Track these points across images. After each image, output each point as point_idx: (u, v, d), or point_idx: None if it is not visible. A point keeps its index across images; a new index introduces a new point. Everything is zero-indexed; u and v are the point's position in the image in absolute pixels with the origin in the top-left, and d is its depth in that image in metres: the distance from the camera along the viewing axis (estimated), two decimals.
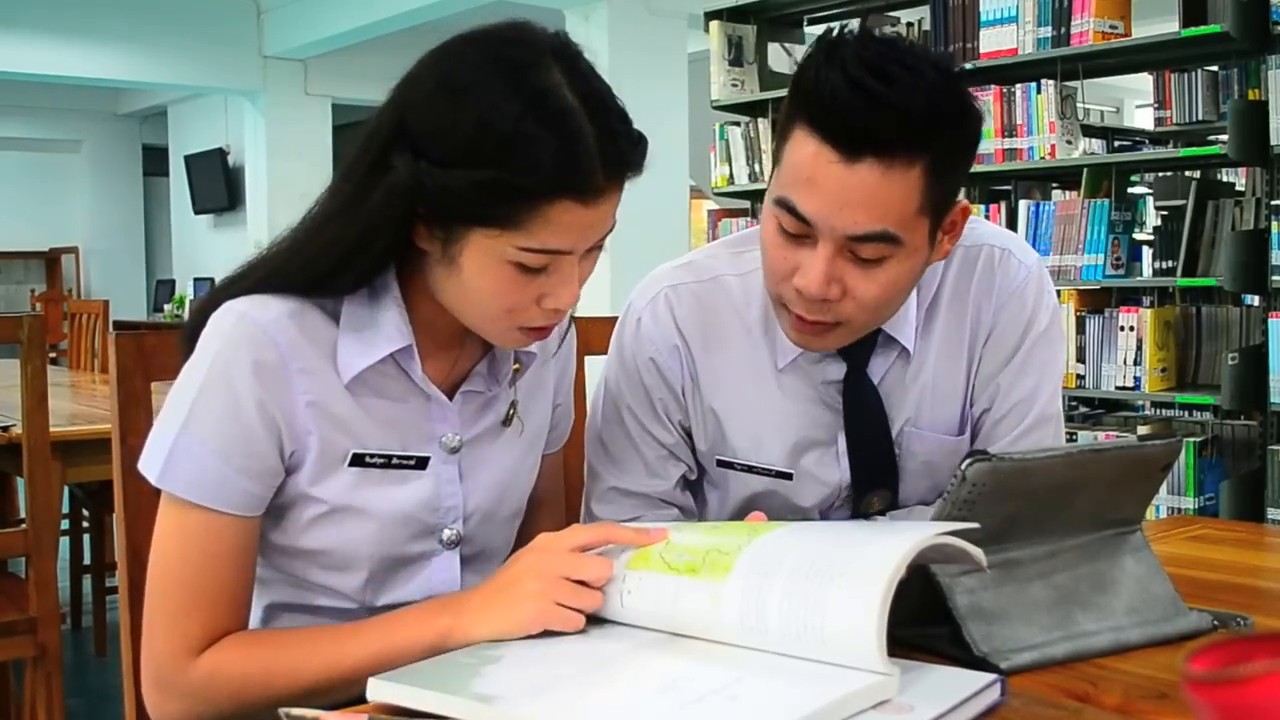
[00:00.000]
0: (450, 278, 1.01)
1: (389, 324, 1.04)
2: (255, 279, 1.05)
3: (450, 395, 1.11)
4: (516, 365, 1.15)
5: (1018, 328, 1.24)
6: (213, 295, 1.06)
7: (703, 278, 1.27)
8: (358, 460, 1.05)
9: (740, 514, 1.26)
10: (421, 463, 1.09)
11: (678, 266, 1.29)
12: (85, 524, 3.79)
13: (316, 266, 1.02)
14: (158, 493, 1.04)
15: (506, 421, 1.15)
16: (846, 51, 1.04)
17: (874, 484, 1.25)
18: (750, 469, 1.26)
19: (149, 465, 1.02)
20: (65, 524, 3.57)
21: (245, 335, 1.00)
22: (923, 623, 0.98)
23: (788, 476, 1.25)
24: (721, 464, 1.28)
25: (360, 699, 0.87)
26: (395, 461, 1.07)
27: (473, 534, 1.14)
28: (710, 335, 1.26)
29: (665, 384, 1.26)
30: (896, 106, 1.02)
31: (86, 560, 3.72)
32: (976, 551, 0.88)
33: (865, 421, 1.23)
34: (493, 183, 0.93)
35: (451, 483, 1.11)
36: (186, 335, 1.05)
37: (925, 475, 1.26)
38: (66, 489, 2.99)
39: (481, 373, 1.12)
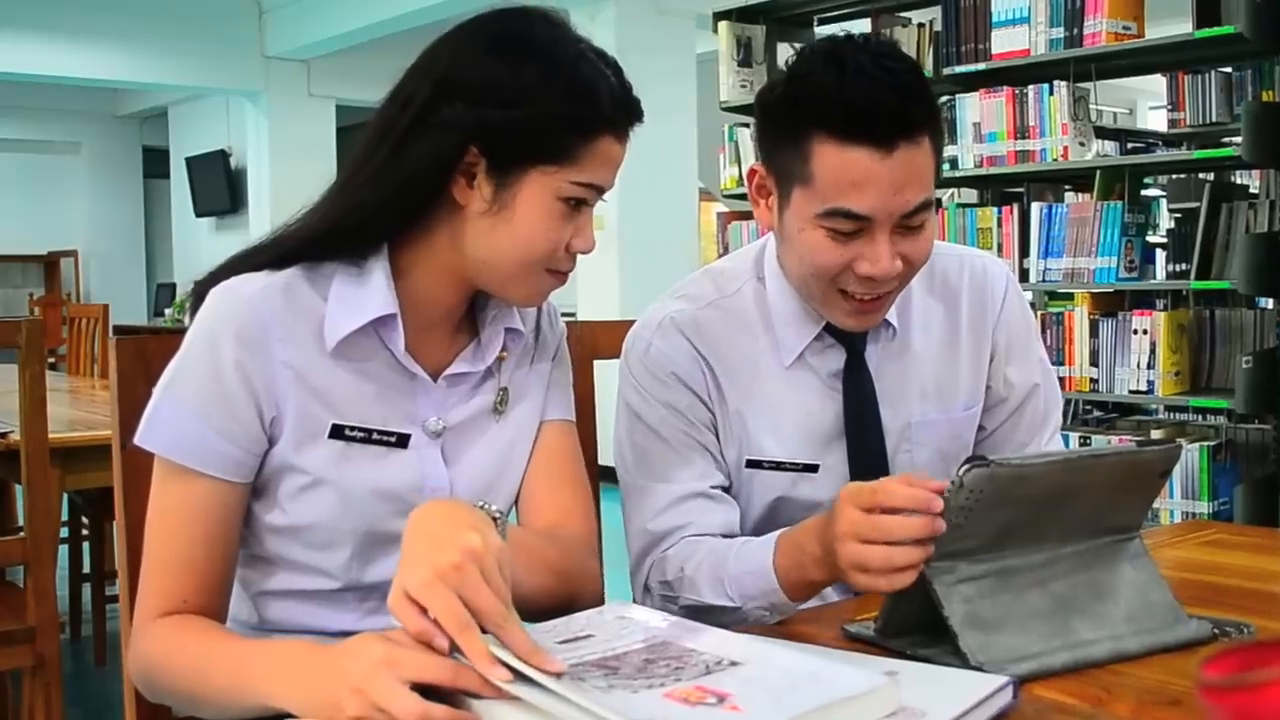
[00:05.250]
0: (497, 226, 1.08)
1: (376, 294, 1.10)
2: (274, 250, 1.11)
3: (436, 380, 1.16)
4: (503, 354, 1.20)
5: (1017, 326, 1.41)
6: (219, 269, 1.13)
7: (699, 304, 1.36)
8: (338, 432, 1.10)
9: (764, 520, 1.33)
10: (402, 440, 1.12)
11: (672, 299, 1.38)
12: (85, 531, 3.75)
13: (345, 222, 1.09)
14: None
15: (497, 408, 1.19)
16: (854, 61, 1.16)
17: (866, 472, 1.31)
18: (778, 466, 1.33)
19: (140, 430, 1.08)
20: (64, 531, 3.54)
21: (229, 306, 1.08)
22: (920, 632, 0.99)
23: (814, 469, 1.33)
24: (750, 464, 1.33)
25: None
26: (375, 436, 1.11)
27: None
28: (719, 347, 1.34)
29: (691, 392, 1.32)
30: (909, 91, 1.16)
31: (86, 568, 3.68)
32: None
33: (861, 404, 1.34)
34: (559, 116, 1.05)
35: (435, 464, 1.14)
36: (190, 309, 1.13)
37: (940, 470, 1.33)
38: (66, 496, 2.97)
39: (467, 357, 1.17)
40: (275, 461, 1.10)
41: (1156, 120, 8.80)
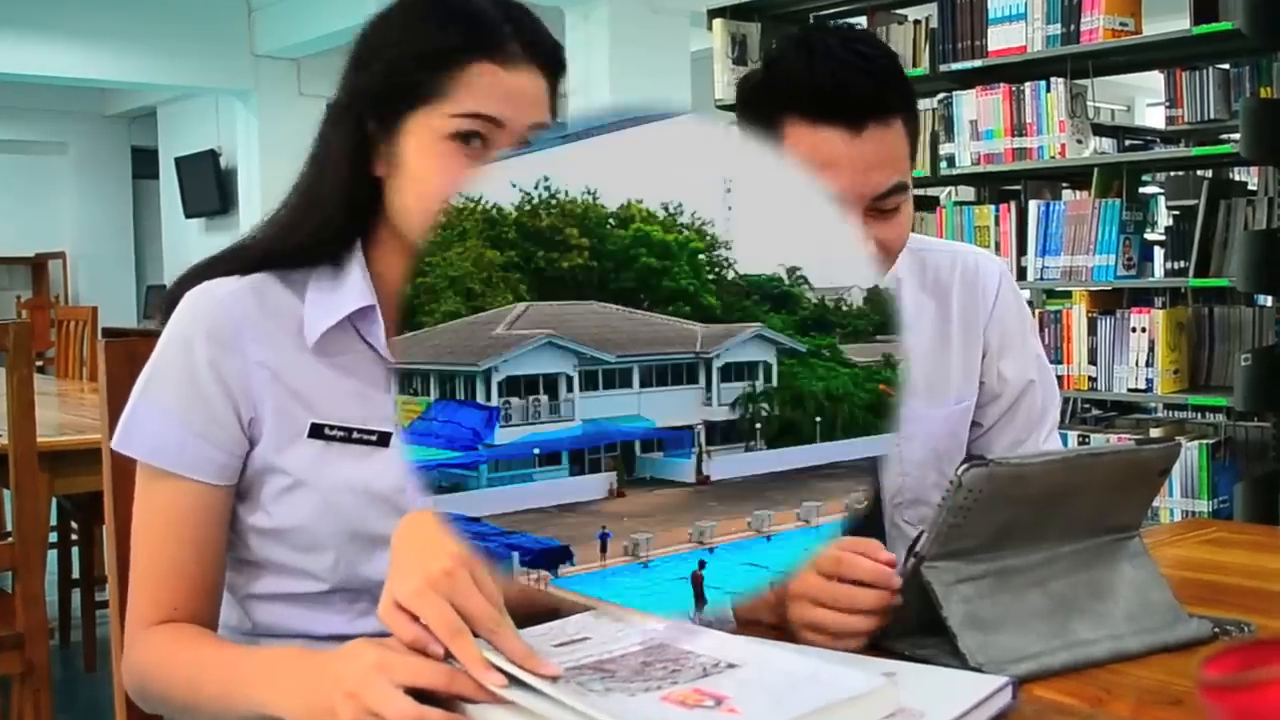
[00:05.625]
0: (402, 183, 1.07)
1: (352, 287, 1.10)
2: (237, 260, 1.12)
3: None
4: None
5: (1011, 322, 1.41)
6: (187, 275, 1.13)
7: None
8: (317, 432, 1.09)
9: None
10: (383, 439, 1.10)
11: None
12: (74, 536, 3.71)
13: (304, 230, 1.11)
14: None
15: None
16: (823, 44, 1.19)
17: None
18: None
19: (116, 435, 1.08)
20: (53, 536, 3.51)
21: (201, 307, 1.08)
22: (918, 633, 0.98)
23: None
24: None
25: None
26: (356, 435, 1.10)
27: None
28: None
29: None
30: (881, 75, 1.19)
31: (76, 574, 3.65)
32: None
33: None
34: (418, 54, 1.05)
35: None
36: (162, 314, 1.13)
37: (933, 466, 1.36)
38: (54, 500, 2.94)
39: None
40: (257, 463, 1.09)
41: (1154, 117, 8.81)
